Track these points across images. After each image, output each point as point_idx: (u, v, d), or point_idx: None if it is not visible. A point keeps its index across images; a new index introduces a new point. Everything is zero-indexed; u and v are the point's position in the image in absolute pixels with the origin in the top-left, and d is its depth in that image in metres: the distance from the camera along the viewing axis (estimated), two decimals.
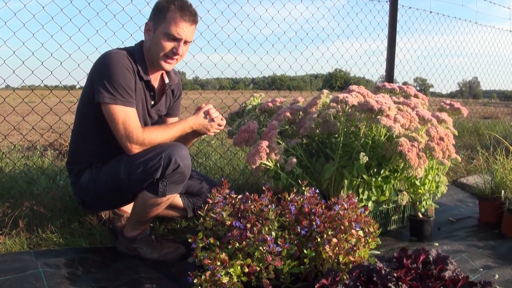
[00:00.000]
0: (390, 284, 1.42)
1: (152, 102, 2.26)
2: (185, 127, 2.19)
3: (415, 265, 1.58)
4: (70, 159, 2.29)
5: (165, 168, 1.99)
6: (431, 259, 1.61)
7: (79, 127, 2.24)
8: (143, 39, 2.22)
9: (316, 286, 1.43)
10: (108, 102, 1.98)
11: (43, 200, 2.65)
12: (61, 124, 5.51)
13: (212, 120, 2.25)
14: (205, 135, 2.56)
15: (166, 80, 2.31)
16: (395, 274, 1.48)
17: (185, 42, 2.15)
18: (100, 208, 2.40)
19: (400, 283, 1.43)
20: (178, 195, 2.43)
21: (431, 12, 4.95)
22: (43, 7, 2.48)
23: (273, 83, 5.36)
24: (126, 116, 2.01)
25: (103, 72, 2.00)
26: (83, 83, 2.20)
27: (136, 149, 2.04)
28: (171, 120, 2.47)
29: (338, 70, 11.05)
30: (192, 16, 2.12)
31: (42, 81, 2.60)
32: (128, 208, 2.38)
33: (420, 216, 2.51)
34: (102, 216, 2.49)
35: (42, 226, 2.38)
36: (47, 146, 4.90)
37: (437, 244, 2.39)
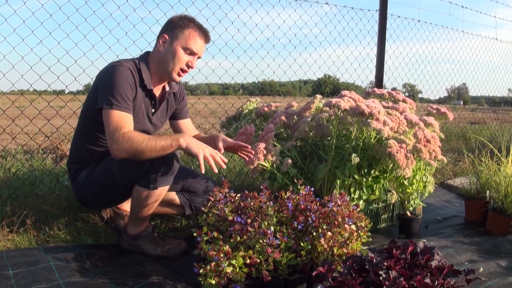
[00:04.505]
0: (381, 272, 1.55)
1: (153, 110, 2.37)
2: (174, 142, 2.03)
3: (404, 255, 1.71)
4: (70, 159, 2.40)
5: (152, 161, 2.07)
6: (418, 250, 1.75)
7: (82, 127, 2.34)
8: (147, 50, 2.35)
9: (313, 274, 1.55)
10: (105, 107, 2.09)
11: (48, 200, 2.75)
12: (59, 129, 5.58)
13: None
14: None
15: (167, 88, 2.43)
16: (385, 263, 1.60)
17: (198, 57, 2.32)
18: (98, 205, 2.49)
19: (390, 271, 1.56)
20: (175, 193, 2.53)
21: (419, 21, 5.11)
22: (51, 15, 2.60)
23: (263, 88, 5.47)
24: (119, 120, 2.06)
25: (107, 82, 2.13)
26: (86, 86, 2.30)
27: (116, 149, 2.01)
28: (182, 122, 2.60)
29: (327, 76, 11.11)
30: (208, 35, 2.33)
31: (49, 85, 2.72)
32: (128, 207, 2.48)
33: (409, 214, 2.64)
34: (103, 216, 2.60)
35: (49, 224, 2.48)
36: (45, 149, 4.99)
37: (424, 240, 2.51)
